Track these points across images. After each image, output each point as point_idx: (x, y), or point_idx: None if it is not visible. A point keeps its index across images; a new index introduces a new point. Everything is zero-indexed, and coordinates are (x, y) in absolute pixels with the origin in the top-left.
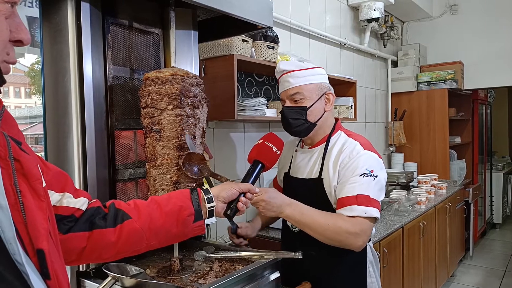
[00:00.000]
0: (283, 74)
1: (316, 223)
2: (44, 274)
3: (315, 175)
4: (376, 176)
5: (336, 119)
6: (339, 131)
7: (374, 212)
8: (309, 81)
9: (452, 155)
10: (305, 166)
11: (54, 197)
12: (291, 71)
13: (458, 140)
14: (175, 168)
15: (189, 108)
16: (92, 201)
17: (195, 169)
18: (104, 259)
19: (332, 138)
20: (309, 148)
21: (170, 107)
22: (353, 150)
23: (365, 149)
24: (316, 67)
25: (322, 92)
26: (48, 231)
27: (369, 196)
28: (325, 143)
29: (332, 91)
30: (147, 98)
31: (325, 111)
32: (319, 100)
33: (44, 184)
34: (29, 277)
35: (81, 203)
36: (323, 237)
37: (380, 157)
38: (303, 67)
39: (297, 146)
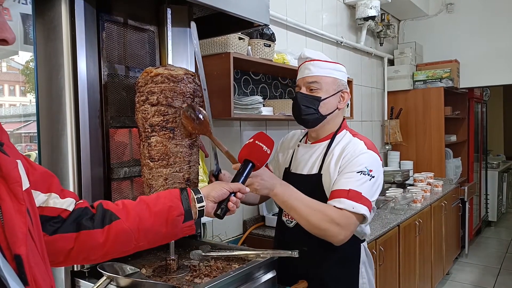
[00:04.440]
0: (305, 61)
1: (303, 206)
2: (23, 280)
3: (315, 171)
4: (373, 177)
5: (343, 118)
6: (345, 130)
7: (363, 209)
8: (329, 74)
9: (447, 154)
10: (306, 161)
11: (40, 197)
12: (314, 60)
13: (453, 138)
14: (187, 166)
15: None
16: (80, 201)
17: (200, 115)
18: (92, 260)
19: (337, 136)
20: (311, 143)
21: (185, 105)
22: (356, 149)
23: (368, 149)
24: (339, 63)
25: (339, 89)
26: (27, 235)
27: (361, 193)
28: (329, 140)
29: (348, 90)
30: (160, 95)
31: (337, 108)
32: (334, 96)
33: (27, 186)
34: (7, 282)
35: (68, 203)
36: (306, 221)
37: (381, 159)
38: (327, 59)
39: (300, 141)
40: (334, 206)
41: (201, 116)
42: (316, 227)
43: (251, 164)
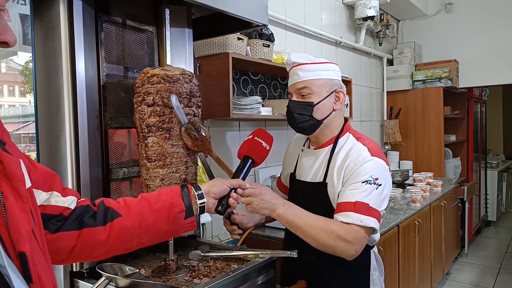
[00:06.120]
0: (293, 66)
1: (308, 225)
2: (27, 277)
3: (319, 179)
4: (380, 185)
5: (346, 119)
6: (348, 133)
7: (371, 222)
8: (319, 76)
9: (447, 153)
10: (310, 168)
11: (42, 196)
12: (301, 64)
13: (453, 138)
14: (184, 166)
15: (195, 107)
16: (81, 199)
17: (202, 132)
18: (95, 258)
19: (340, 140)
20: (314, 149)
21: (181, 106)
22: (359, 156)
23: (372, 155)
24: (329, 63)
25: (333, 89)
26: (31, 233)
27: (368, 204)
28: (332, 145)
29: (344, 89)
30: (155, 96)
31: (333, 110)
32: (328, 97)
33: (29, 185)
34: (11, 280)
35: (70, 201)
36: (313, 240)
37: (387, 163)
38: (315, 61)
39: (304, 146)
40: (342, 221)
41: (202, 133)
42: (324, 246)
43: (250, 160)
